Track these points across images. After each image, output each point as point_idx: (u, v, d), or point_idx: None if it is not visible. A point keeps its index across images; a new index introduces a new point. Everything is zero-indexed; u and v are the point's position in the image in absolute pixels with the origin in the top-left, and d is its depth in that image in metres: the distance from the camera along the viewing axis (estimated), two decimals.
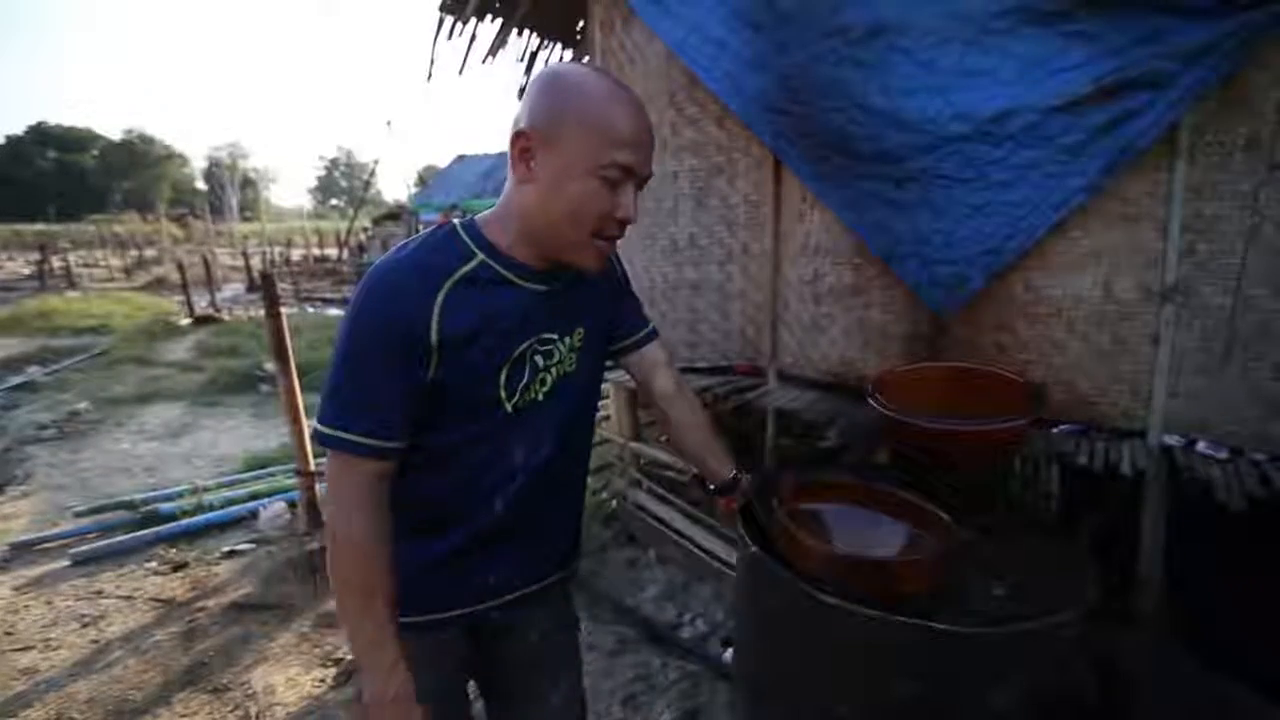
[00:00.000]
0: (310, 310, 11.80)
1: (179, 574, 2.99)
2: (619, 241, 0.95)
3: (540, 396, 0.97)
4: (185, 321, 9.83)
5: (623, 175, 0.85)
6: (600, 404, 3.72)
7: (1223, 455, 1.63)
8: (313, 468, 3.26)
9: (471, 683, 1.17)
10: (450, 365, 0.87)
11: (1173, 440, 1.72)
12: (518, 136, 0.86)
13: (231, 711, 2.13)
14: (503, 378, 0.92)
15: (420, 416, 0.90)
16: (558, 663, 1.20)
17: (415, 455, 0.92)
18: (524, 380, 0.94)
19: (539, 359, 0.96)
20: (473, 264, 0.89)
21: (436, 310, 0.86)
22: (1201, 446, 1.67)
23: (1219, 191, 1.59)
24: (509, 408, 0.94)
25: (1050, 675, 1.06)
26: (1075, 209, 1.72)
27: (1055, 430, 1.85)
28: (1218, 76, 1.50)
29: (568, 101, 0.84)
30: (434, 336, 0.85)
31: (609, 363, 1.16)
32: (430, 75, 3.25)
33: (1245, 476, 1.53)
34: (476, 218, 0.95)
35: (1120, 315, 1.76)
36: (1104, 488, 1.70)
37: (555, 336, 0.98)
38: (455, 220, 0.95)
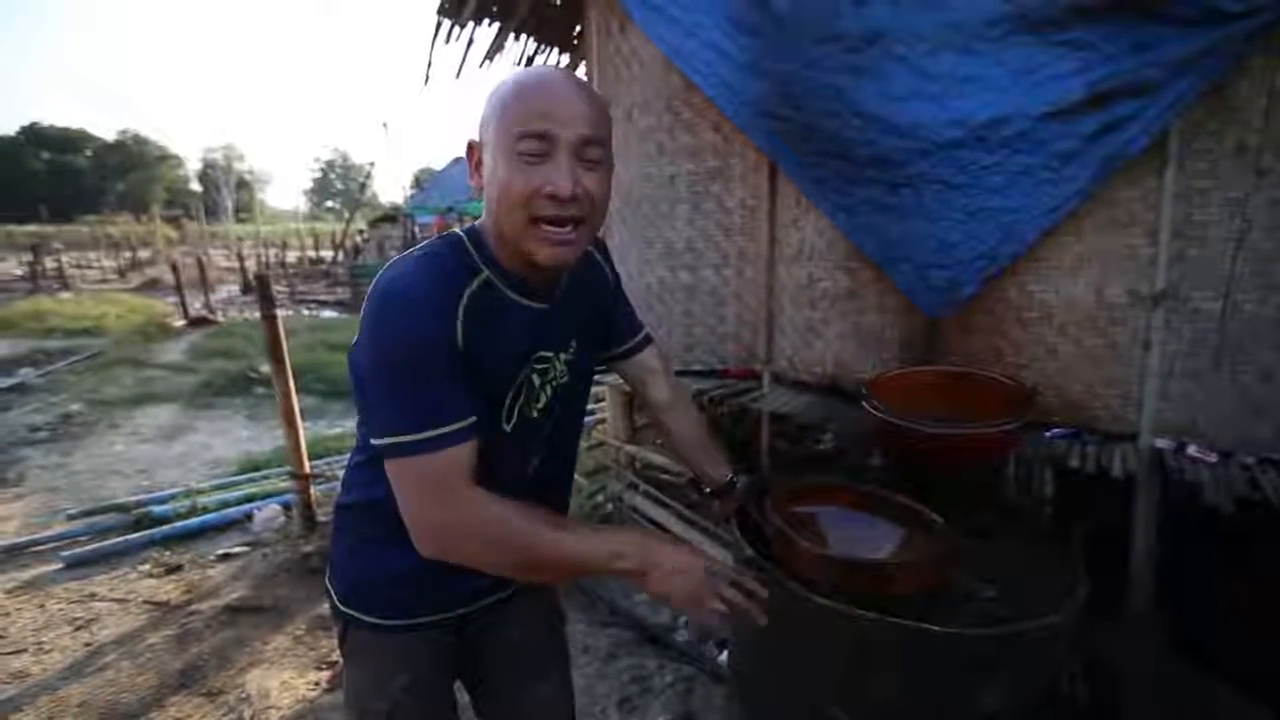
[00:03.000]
0: (306, 313, 11.77)
1: (172, 577, 2.97)
2: (604, 241, 0.94)
3: (535, 413, 0.98)
4: (179, 323, 9.81)
5: (541, 146, 0.83)
6: (595, 406, 3.71)
7: (1212, 458, 1.64)
8: (308, 470, 3.25)
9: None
10: (468, 376, 0.87)
11: (1163, 443, 1.73)
12: (469, 151, 0.91)
13: (225, 715, 2.12)
14: (506, 400, 0.93)
15: None
16: (545, 656, 1.19)
17: None
18: (521, 400, 0.95)
19: (535, 379, 0.96)
20: (479, 280, 0.89)
21: (459, 323, 0.85)
22: (1191, 449, 1.69)
23: (1208, 198, 1.61)
24: (506, 427, 0.94)
25: (1042, 676, 1.07)
26: (1067, 214, 1.74)
27: (1048, 434, 1.86)
28: (1206, 84, 1.52)
29: (488, 102, 0.88)
30: (460, 343, 0.85)
31: (602, 367, 1.17)
32: (427, 79, 3.24)
33: (1234, 479, 1.55)
34: (478, 225, 0.94)
35: (1111, 320, 1.78)
36: (1095, 490, 1.72)
37: (551, 354, 0.98)
38: (458, 229, 0.95)
